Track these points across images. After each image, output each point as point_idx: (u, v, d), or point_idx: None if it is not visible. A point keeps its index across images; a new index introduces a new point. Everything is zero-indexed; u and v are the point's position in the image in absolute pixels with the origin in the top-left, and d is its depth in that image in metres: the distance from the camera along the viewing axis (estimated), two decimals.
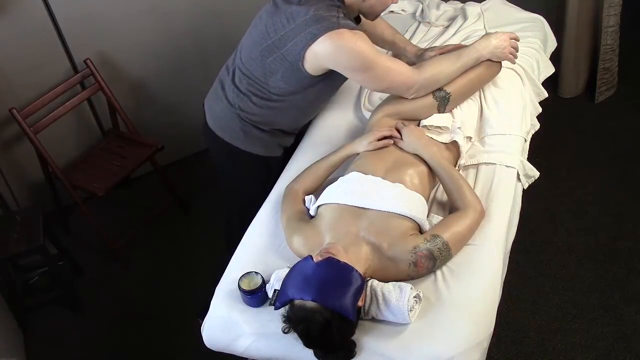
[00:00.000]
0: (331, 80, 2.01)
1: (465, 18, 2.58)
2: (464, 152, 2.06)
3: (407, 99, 2.02)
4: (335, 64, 1.91)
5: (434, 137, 2.01)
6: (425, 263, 1.68)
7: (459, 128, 2.05)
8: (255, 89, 2.04)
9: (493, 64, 2.13)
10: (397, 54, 2.32)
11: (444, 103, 2.05)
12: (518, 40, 2.13)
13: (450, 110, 2.10)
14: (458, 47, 2.14)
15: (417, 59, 2.24)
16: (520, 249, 2.44)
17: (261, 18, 2.01)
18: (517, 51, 2.13)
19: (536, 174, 2.11)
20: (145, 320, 2.72)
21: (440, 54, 2.15)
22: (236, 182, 2.32)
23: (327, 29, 1.84)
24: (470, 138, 2.11)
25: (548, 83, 2.49)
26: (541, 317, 2.48)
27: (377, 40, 2.27)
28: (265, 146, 2.19)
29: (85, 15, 2.80)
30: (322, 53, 1.87)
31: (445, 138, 2.02)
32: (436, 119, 2.05)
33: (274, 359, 1.69)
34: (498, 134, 2.10)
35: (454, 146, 2.04)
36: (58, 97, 2.80)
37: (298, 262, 1.63)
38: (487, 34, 2.13)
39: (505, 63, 2.19)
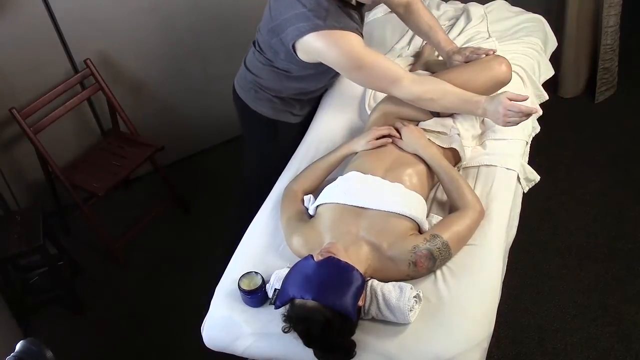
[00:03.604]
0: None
1: (468, 19, 2.57)
2: (465, 158, 2.02)
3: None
4: (324, 61, 1.93)
5: (433, 139, 1.99)
6: (425, 263, 1.68)
7: (457, 134, 2.02)
8: (267, 62, 2.10)
9: (499, 81, 2.02)
10: (431, 45, 2.33)
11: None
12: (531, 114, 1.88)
13: (451, 115, 2.08)
14: (486, 52, 2.06)
15: (447, 57, 2.18)
16: (520, 249, 2.44)
17: None
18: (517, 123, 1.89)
19: (536, 177, 2.10)
20: (145, 320, 2.72)
21: (467, 61, 2.08)
22: (249, 141, 2.44)
23: (311, 29, 1.84)
24: (469, 148, 2.08)
25: (548, 83, 2.50)
26: (541, 317, 2.48)
27: (411, 26, 2.28)
28: (274, 109, 2.24)
29: (85, 15, 2.80)
30: (309, 50, 1.90)
31: (444, 142, 2.00)
32: (435, 124, 2.03)
33: (274, 359, 1.69)
34: (500, 139, 2.08)
35: (452, 150, 2.02)
36: (58, 97, 2.80)
37: (299, 261, 1.63)
38: (498, 98, 1.87)
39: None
